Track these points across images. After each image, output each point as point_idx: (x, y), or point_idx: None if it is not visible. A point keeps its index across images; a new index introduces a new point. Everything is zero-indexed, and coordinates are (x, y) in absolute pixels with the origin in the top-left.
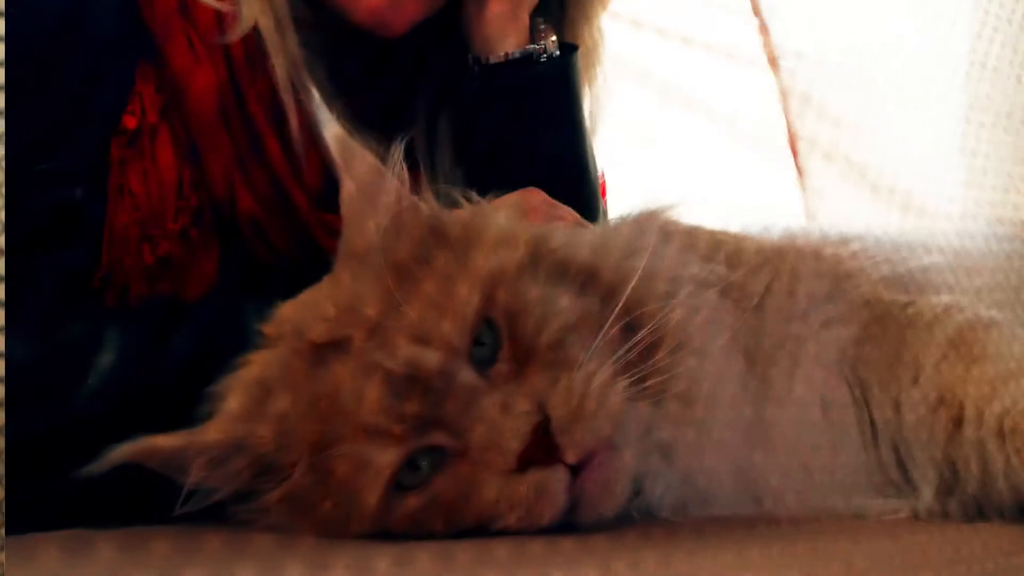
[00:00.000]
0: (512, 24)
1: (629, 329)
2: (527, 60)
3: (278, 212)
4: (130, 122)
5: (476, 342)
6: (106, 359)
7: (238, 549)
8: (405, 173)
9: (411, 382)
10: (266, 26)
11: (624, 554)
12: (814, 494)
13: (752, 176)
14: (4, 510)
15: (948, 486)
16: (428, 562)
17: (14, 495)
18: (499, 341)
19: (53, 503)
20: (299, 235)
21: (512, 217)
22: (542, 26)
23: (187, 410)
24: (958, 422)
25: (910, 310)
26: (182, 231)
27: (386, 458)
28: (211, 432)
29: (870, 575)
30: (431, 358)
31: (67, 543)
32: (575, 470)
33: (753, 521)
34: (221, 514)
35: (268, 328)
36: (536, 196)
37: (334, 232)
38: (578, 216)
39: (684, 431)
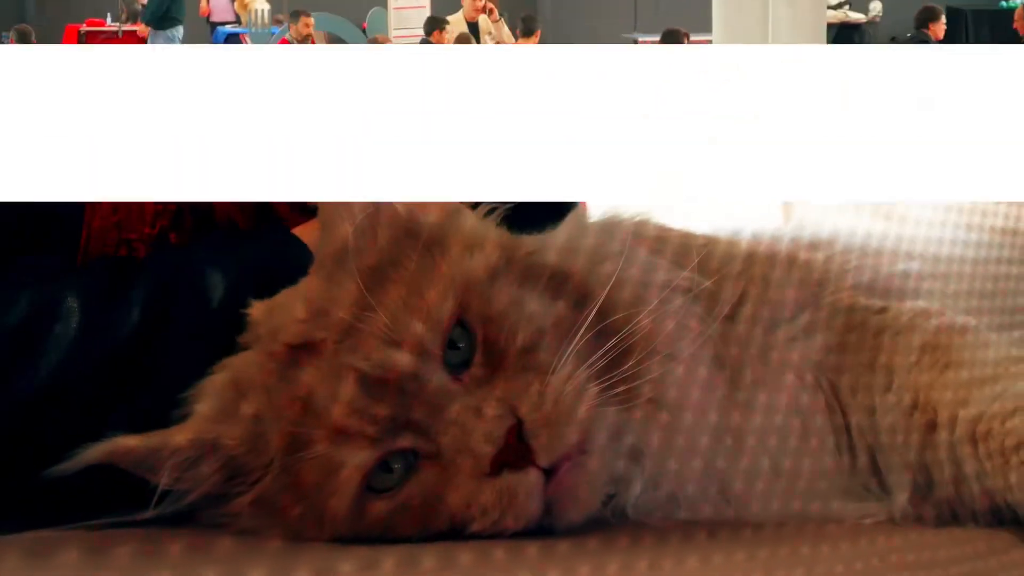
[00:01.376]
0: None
1: (601, 334)
2: None
3: (255, 215)
4: None
5: (451, 346)
6: (63, 327)
7: (202, 552)
8: None
9: (383, 384)
10: None
11: (588, 559)
12: (781, 499)
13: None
14: None
15: (922, 490)
16: (393, 566)
17: None
18: (473, 345)
19: (22, 501)
20: None
21: None
22: None
23: (143, 383)
24: (932, 427)
25: (883, 316)
26: (160, 234)
27: (358, 460)
28: (183, 433)
29: None
30: (403, 360)
31: (31, 546)
32: (548, 474)
33: (718, 525)
34: (187, 517)
35: None
36: None
37: None
38: None
39: (652, 436)
